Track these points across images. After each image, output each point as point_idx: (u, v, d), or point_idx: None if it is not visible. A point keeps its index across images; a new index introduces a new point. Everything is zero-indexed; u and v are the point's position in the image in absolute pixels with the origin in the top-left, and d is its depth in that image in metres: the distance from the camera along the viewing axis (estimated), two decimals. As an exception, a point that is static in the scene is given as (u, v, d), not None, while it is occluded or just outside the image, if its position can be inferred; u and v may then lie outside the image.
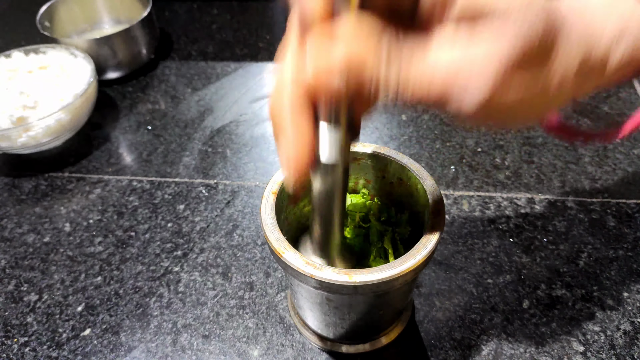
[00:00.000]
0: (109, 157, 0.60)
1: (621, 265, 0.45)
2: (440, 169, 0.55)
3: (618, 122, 0.28)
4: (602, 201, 0.51)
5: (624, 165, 0.54)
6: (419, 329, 0.41)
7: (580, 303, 0.42)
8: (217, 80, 0.71)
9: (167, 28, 0.82)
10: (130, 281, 0.46)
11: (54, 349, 0.41)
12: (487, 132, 0.59)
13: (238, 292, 0.45)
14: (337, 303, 0.32)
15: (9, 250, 0.50)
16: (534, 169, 0.54)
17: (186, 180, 0.56)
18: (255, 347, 0.41)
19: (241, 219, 0.51)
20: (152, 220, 0.52)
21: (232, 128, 0.63)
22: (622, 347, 0.39)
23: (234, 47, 0.77)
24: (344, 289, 0.28)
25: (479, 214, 0.50)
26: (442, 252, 0.47)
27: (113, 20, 0.78)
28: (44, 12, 0.70)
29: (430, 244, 0.29)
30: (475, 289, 0.44)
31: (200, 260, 0.47)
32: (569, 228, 0.48)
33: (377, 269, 0.28)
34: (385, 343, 0.40)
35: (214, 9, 0.86)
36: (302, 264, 0.29)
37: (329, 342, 0.40)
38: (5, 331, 0.43)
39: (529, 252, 0.46)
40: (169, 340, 0.41)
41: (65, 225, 0.52)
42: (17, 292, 0.46)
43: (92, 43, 0.65)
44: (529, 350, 0.39)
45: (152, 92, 0.69)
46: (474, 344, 0.40)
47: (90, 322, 0.43)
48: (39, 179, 0.57)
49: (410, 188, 0.35)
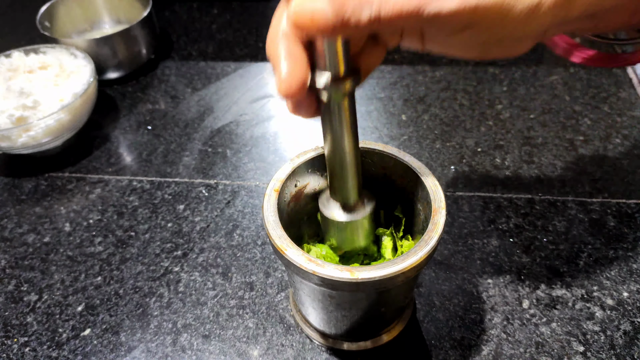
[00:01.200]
0: (109, 157, 0.60)
1: (621, 265, 0.45)
2: (440, 169, 0.55)
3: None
4: (602, 201, 0.51)
5: (624, 165, 0.54)
6: (420, 327, 0.41)
7: (580, 303, 0.42)
8: (217, 80, 0.71)
9: (167, 28, 0.82)
10: (130, 281, 0.46)
11: (54, 349, 0.41)
12: (487, 132, 0.59)
13: (238, 292, 0.45)
14: (339, 300, 0.32)
15: (9, 250, 0.50)
16: (534, 169, 0.54)
17: (186, 180, 0.56)
18: (255, 347, 0.41)
19: (241, 219, 0.51)
20: (152, 220, 0.52)
21: (232, 128, 0.63)
22: (622, 347, 0.39)
23: (234, 47, 0.77)
24: (346, 286, 0.29)
25: (479, 214, 0.50)
26: (442, 252, 0.47)
27: (113, 20, 0.78)
28: (44, 12, 0.70)
29: (431, 241, 0.29)
30: (475, 289, 0.44)
31: (200, 260, 0.47)
32: (569, 228, 0.48)
33: (379, 265, 0.28)
34: (386, 340, 0.40)
35: (214, 9, 0.86)
36: (305, 261, 0.29)
37: (330, 340, 0.40)
38: (5, 331, 0.43)
39: (529, 252, 0.46)
40: (169, 340, 0.41)
41: (65, 225, 0.52)
42: (17, 292, 0.46)
43: (92, 43, 0.65)
44: (529, 350, 0.39)
45: (152, 92, 0.69)
46: (474, 344, 0.40)
47: (90, 322, 0.43)
48: (39, 179, 0.57)
49: (411, 185, 0.35)
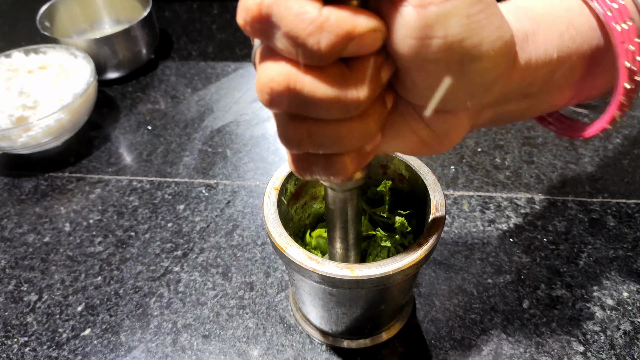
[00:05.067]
0: (109, 157, 0.60)
1: (621, 265, 0.45)
2: (440, 169, 0.55)
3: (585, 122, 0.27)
4: (602, 201, 0.51)
5: (624, 166, 0.54)
6: (420, 325, 0.41)
7: (580, 303, 0.42)
8: (217, 80, 0.71)
9: (167, 28, 0.82)
10: (130, 281, 0.46)
11: (54, 349, 0.41)
12: (487, 132, 0.59)
13: (238, 292, 0.45)
14: (339, 297, 0.32)
15: (9, 250, 0.50)
16: (534, 169, 0.54)
17: (186, 180, 0.56)
18: (255, 347, 0.41)
19: (241, 219, 0.51)
20: (152, 220, 0.52)
21: (232, 128, 0.63)
22: (622, 347, 0.39)
23: (234, 47, 0.77)
24: (346, 283, 0.29)
25: (479, 214, 0.50)
26: (442, 252, 0.47)
27: (113, 20, 0.78)
28: (44, 12, 0.70)
29: (430, 239, 0.29)
30: (475, 289, 0.44)
31: (200, 260, 0.47)
32: (569, 228, 0.48)
33: (379, 263, 0.28)
34: (386, 339, 0.41)
35: (214, 9, 0.86)
36: (305, 259, 0.29)
37: (330, 337, 0.40)
38: (5, 331, 0.43)
39: (529, 252, 0.46)
40: (169, 340, 0.41)
41: (65, 225, 0.52)
42: (17, 292, 0.46)
43: (92, 43, 0.65)
44: (529, 350, 0.39)
45: (152, 92, 0.69)
46: (474, 344, 0.40)
47: (90, 322, 0.43)
48: (39, 179, 0.57)
49: (411, 184, 0.35)
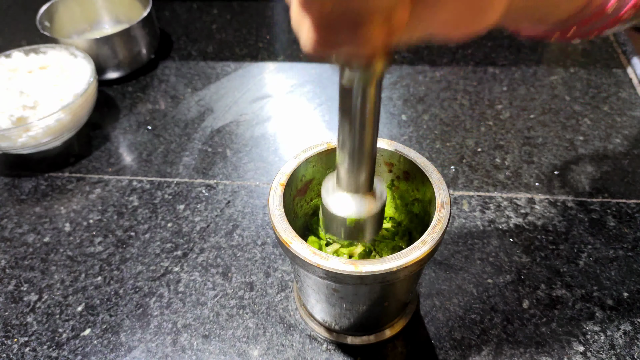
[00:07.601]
0: (109, 157, 0.60)
1: (621, 265, 0.45)
2: (440, 169, 0.55)
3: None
4: (602, 201, 0.51)
5: (624, 165, 0.54)
6: (424, 322, 0.41)
7: (580, 303, 0.42)
8: (217, 80, 0.71)
9: (167, 28, 0.82)
10: (130, 281, 0.46)
11: (54, 349, 0.41)
12: (487, 132, 0.59)
13: (238, 292, 0.45)
14: (342, 293, 0.33)
15: (9, 250, 0.50)
16: (534, 169, 0.54)
17: (186, 180, 0.56)
18: (255, 347, 0.41)
19: (241, 219, 0.51)
20: (152, 220, 0.52)
21: (232, 128, 0.63)
22: (622, 347, 0.39)
23: (234, 47, 0.77)
24: (349, 279, 0.29)
25: (479, 214, 0.50)
26: (442, 252, 0.47)
27: (113, 20, 0.78)
28: (44, 12, 0.70)
29: (435, 236, 0.29)
30: (475, 289, 0.44)
31: (200, 260, 0.47)
32: (569, 228, 0.48)
33: (383, 259, 0.28)
34: (389, 335, 0.41)
35: (214, 9, 0.86)
36: (309, 254, 0.29)
37: (334, 334, 0.40)
38: (5, 331, 0.43)
39: (529, 252, 0.46)
40: (169, 340, 0.41)
41: (65, 225, 0.52)
42: (17, 292, 0.46)
43: (92, 43, 0.65)
44: (529, 350, 0.39)
45: (152, 92, 0.69)
46: (474, 344, 0.40)
47: (90, 322, 0.43)
48: (39, 179, 0.57)
49: (416, 181, 0.35)
